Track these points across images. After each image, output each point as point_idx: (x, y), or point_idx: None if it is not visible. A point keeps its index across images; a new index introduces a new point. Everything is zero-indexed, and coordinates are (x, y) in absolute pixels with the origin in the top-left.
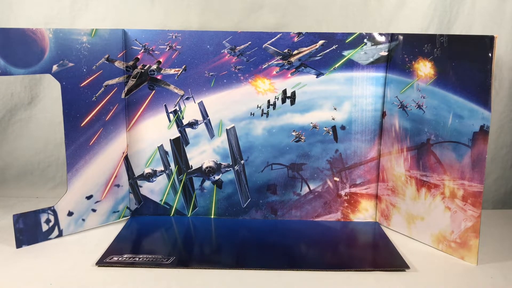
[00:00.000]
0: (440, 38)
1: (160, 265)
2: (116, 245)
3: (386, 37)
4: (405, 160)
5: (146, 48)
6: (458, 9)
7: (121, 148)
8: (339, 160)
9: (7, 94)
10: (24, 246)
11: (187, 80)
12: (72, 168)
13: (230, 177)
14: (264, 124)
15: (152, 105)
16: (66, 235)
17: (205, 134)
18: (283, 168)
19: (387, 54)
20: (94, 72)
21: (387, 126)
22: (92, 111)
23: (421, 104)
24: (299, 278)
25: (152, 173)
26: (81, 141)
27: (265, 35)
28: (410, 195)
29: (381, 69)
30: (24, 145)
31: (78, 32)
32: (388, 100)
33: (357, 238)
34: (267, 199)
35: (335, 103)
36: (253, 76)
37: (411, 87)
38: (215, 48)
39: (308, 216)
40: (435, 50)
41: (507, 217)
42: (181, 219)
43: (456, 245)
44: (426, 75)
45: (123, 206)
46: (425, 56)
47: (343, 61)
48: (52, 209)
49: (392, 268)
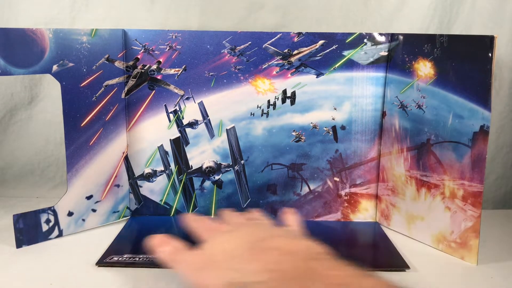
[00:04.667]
0: (440, 38)
1: (160, 265)
2: (116, 245)
3: (386, 37)
4: (405, 160)
5: (146, 48)
6: (458, 9)
7: (121, 148)
8: (339, 160)
9: (7, 94)
10: (24, 246)
11: (187, 80)
12: (72, 168)
13: (230, 177)
14: (264, 124)
15: (152, 105)
16: (66, 235)
17: (205, 134)
18: (283, 168)
19: (387, 54)
20: (94, 72)
21: (387, 126)
22: (92, 111)
23: (421, 104)
24: None
25: (152, 173)
26: (81, 141)
27: (265, 35)
28: (410, 195)
29: (381, 69)
30: (24, 145)
31: (78, 32)
32: (388, 100)
33: (357, 238)
34: (267, 199)
35: (335, 103)
36: (253, 76)
37: (411, 87)
38: (215, 48)
39: (308, 216)
40: (435, 50)
41: (507, 217)
42: None
43: (456, 245)
44: (426, 75)
45: (123, 206)
46: (425, 56)
47: (343, 61)
48: (52, 209)
49: (392, 268)
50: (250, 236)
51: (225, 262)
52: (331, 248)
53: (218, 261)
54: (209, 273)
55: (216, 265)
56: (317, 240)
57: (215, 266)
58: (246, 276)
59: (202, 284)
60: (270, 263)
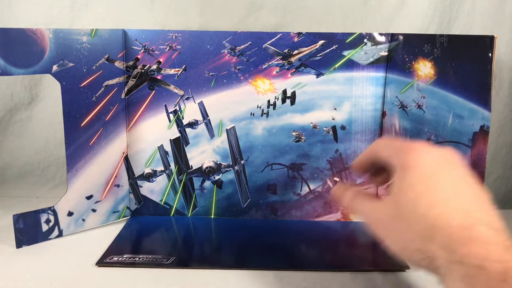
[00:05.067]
0: (440, 38)
1: (160, 265)
2: (116, 245)
3: (386, 37)
4: None
5: (146, 48)
6: (458, 9)
7: (121, 148)
8: (339, 160)
9: (7, 94)
10: (24, 246)
11: (187, 80)
12: (72, 168)
13: (230, 177)
14: (264, 124)
15: (152, 105)
16: (66, 235)
17: (205, 134)
18: (283, 168)
19: (387, 54)
20: (94, 72)
21: (387, 126)
22: (92, 111)
23: (421, 104)
24: (299, 278)
25: (152, 173)
26: (81, 141)
27: (265, 35)
28: None
29: (381, 69)
30: (24, 145)
31: (78, 32)
32: (388, 100)
33: (357, 238)
34: (267, 199)
35: (335, 103)
36: (253, 76)
37: (411, 87)
38: (215, 48)
39: (308, 216)
40: (435, 50)
41: (507, 217)
42: (181, 219)
43: None
44: (426, 75)
45: (123, 206)
46: (425, 56)
47: (343, 61)
48: (52, 209)
49: (392, 268)
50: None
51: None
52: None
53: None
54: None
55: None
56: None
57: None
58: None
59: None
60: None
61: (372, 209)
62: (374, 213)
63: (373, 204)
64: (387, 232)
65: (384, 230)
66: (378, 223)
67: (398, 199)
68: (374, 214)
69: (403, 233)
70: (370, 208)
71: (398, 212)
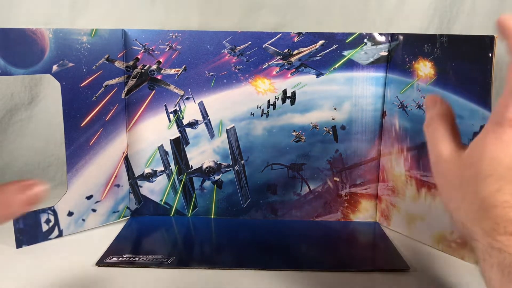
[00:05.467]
0: (440, 38)
1: (160, 265)
2: (116, 245)
3: (386, 37)
4: (405, 160)
5: (146, 48)
6: (458, 9)
7: (121, 148)
8: (339, 160)
9: (7, 94)
10: (24, 246)
11: (187, 80)
12: (72, 168)
13: (230, 177)
14: (264, 124)
15: (152, 105)
16: (66, 235)
17: (205, 134)
18: (283, 168)
19: (387, 54)
20: (94, 72)
21: (387, 126)
22: (92, 111)
23: (421, 104)
24: (299, 278)
25: (152, 173)
26: (81, 141)
27: (265, 35)
28: (410, 195)
29: (381, 69)
30: (24, 145)
31: (78, 32)
32: (388, 100)
33: (357, 238)
34: (267, 199)
35: (335, 103)
36: (253, 76)
37: (411, 87)
38: (215, 48)
39: (308, 216)
40: (435, 50)
41: None
42: (181, 219)
43: (456, 245)
44: (426, 75)
45: (123, 206)
46: (425, 56)
47: (343, 61)
48: (52, 209)
49: (392, 268)
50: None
51: None
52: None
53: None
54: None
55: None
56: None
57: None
58: None
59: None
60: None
61: (441, 153)
62: (441, 160)
63: (447, 147)
64: (446, 188)
65: (443, 184)
66: (440, 175)
67: (473, 155)
68: (441, 161)
69: (462, 199)
70: (441, 150)
71: (465, 173)
